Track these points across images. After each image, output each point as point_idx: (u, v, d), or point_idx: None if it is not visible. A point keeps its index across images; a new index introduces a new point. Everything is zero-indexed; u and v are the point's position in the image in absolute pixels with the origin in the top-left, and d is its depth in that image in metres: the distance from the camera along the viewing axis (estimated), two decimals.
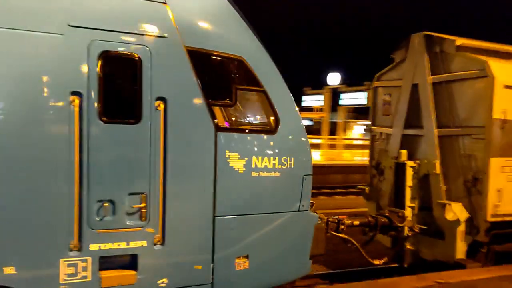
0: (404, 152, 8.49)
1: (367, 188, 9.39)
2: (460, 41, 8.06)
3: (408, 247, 8.37)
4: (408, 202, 8.27)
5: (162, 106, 4.90)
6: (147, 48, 4.83)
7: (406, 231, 8.20)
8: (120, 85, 4.83)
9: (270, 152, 5.57)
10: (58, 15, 4.50)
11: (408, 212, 8.24)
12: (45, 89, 4.43)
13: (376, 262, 8.26)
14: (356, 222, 8.20)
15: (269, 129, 5.63)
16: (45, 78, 4.43)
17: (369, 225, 8.27)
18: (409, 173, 8.31)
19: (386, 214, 8.38)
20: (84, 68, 4.56)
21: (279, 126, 5.65)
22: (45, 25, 4.44)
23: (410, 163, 8.31)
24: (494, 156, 7.51)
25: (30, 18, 4.40)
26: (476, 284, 6.39)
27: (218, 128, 5.21)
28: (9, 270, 4.35)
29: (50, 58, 4.45)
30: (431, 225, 8.14)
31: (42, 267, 4.50)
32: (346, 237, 7.61)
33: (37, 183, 4.44)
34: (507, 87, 7.53)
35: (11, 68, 4.33)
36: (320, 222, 6.44)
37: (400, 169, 8.49)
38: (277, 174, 5.64)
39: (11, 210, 4.35)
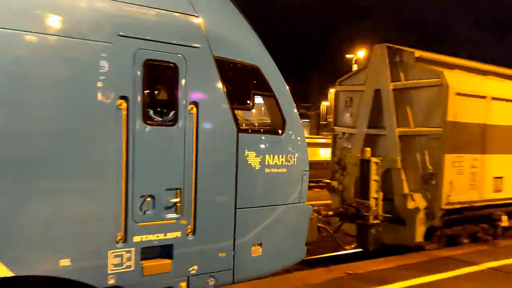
0: (368, 149, 9.48)
1: (335, 183, 10.26)
2: (418, 53, 9.18)
3: (371, 234, 9.36)
4: (373, 194, 9.26)
5: (194, 109, 5.35)
6: (182, 57, 5.26)
7: (372, 219, 9.20)
8: (160, 90, 5.21)
9: (279, 150, 6.19)
10: (109, 24, 4.81)
11: (373, 203, 9.24)
12: (97, 93, 4.73)
13: (348, 248, 9.21)
14: (330, 213, 9.11)
15: (278, 130, 6.25)
16: (96, 83, 4.72)
17: (341, 214, 9.20)
18: (373, 168, 9.30)
19: (354, 204, 9.34)
20: (131, 75, 4.90)
21: (286, 127, 6.31)
22: (97, 34, 4.73)
23: (374, 159, 9.31)
24: (447, 153, 8.70)
25: (84, 27, 4.68)
26: (380, 273, 6.80)
27: (239, 130, 5.75)
28: (65, 262, 4.61)
29: (101, 64, 4.75)
30: (393, 214, 9.20)
31: (93, 258, 4.79)
32: (323, 226, 8.44)
33: (90, 181, 4.73)
34: (458, 94, 8.75)
35: (66, 73, 4.59)
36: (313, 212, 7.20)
37: (365, 164, 9.47)
38: (284, 170, 6.27)
39: (66, 206, 4.61)
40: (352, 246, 9.16)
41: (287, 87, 6.49)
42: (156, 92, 5.18)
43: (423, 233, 8.90)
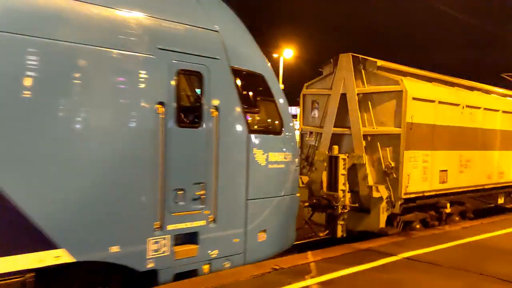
0: (336, 147, 10.52)
1: (305, 177, 11.21)
2: (380, 62, 10.35)
3: (339, 222, 10.44)
4: (340, 186, 10.31)
5: (215, 113, 6.06)
6: (206, 67, 5.95)
7: (340, 209, 10.27)
8: (189, 96, 5.88)
9: (279, 148, 7.04)
10: (151, 39, 5.40)
11: (341, 194, 10.30)
12: (141, 99, 5.33)
13: (321, 234, 10.24)
14: (306, 204, 10.09)
15: (278, 131, 7.09)
16: (140, 90, 5.32)
17: (314, 205, 10.21)
18: (341, 163, 10.36)
19: (325, 196, 10.36)
20: (167, 83, 5.54)
21: (283, 129, 7.16)
22: (142, 47, 5.32)
23: (342, 155, 10.36)
24: (406, 149, 9.96)
25: (131, 41, 5.24)
26: (306, 267, 6.79)
27: (249, 131, 6.53)
28: (115, 248, 5.17)
29: (144, 73, 5.34)
30: (358, 203, 10.33)
31: (136, 245, 5.38)
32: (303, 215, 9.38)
33: (136, 177, 5.32)
34: (414, 98, 10.03)
35: (114, 81, 5.14)
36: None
37: (333, 160, 10.51)
38: (283, 166, 7.13)
39: (117, 200, 5.17)
40: (325, 233, 10.19)
41: (282, 92, 7.35)
42: (186, 98, 5.85)
43: (384, 220, 10.10)
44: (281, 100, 7.17)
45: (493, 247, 9.01)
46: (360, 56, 10.53)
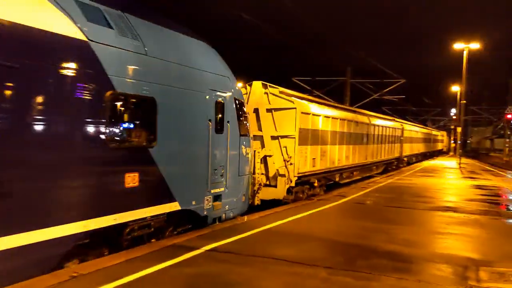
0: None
1: None
2: (281, 89, 15.04)
3: (257, 195, 14.83)
4: (257, 171, 14.69)
5: (228, 125, 9.90)
6: (226, 98, 9.75)
7: (257, 186, 14.66)
8: (219, 115, 9.58)
9: (248, 145, 11.12)
10: (207, 84, 9.04)
11: (257, 176, 14.70)
12: (202, 117, 8.94)
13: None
14: None
15: (248, 134, 11.17)
16: (202, 112, 8.92)
17: None
18: (257, 155, 14.75)
19: None
20: (211, 108, 9.21)
21: (249, 132, 11.29)
22: (202, 88, 8.93)
23: (258, 150, 14.74)
24: (298, 145, 14.85)
25: (200, 85, 8.82)
26: (107, 271, 6.39)
27: (240, 134, 10.50)
28: (194, 202, 8.72)
29: (203, 103, 8.96)
30: (268, 182, 14.87)
31: (200, 201, 8.96)
32: None
33: (201, 161, 8.92)
34: (302, 113, 15.00)
35: (187, 108, 8.65)
36: None
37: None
38: (250, 156, 11.25)
39: (190, 175, 8.67)
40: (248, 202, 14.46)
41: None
42: (218, 116, 9.57)
43: (285, 191, 14.86)
44: (248, 114, 11.28)
45: (282, 232, 9.36)
46: (268, 84, 15.10)
